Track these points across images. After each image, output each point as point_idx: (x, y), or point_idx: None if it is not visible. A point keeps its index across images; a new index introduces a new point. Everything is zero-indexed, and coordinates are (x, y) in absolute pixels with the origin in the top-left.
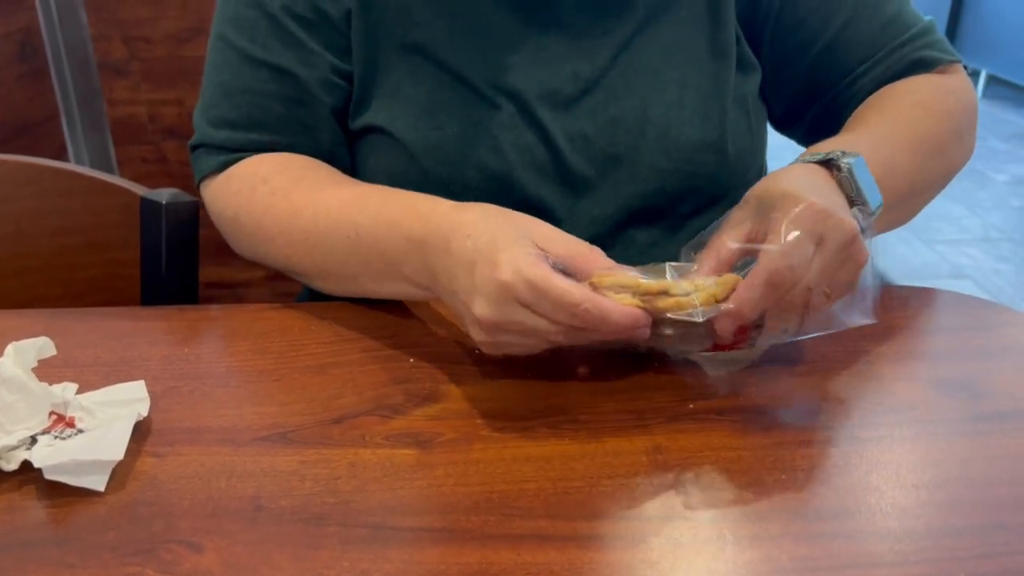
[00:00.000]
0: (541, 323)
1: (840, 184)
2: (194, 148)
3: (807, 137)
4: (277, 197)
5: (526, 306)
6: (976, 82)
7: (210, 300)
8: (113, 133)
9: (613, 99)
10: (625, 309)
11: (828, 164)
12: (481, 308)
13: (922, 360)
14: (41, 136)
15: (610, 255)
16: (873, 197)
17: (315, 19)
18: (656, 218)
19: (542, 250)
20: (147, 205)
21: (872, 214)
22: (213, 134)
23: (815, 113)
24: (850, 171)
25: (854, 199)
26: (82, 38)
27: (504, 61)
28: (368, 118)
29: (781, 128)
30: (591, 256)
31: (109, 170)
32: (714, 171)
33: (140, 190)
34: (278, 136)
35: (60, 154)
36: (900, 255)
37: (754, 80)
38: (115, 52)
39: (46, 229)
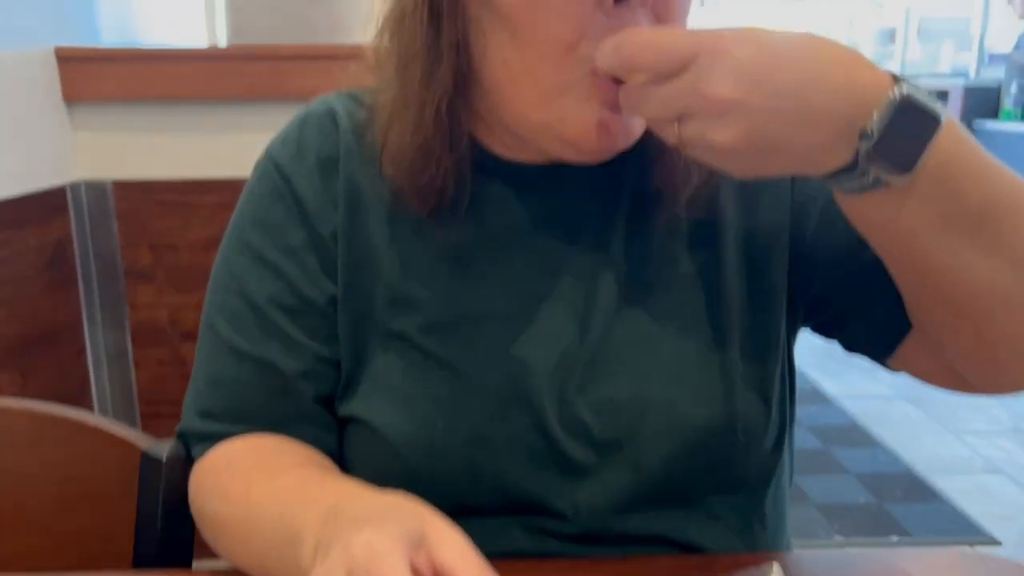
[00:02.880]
0: None
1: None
2: (181, 435)
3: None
4: (235, 482)
5: None
6: None
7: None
8: (133, 335)
9: (609, 377)
10: None
11: None
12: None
13: None
14: (62, 341)
15: (616, 540)
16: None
17: (300, 307)
18: (664, 503)
19: (428, 550)
20: (147, 460)
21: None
22: (198, 424)
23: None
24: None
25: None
26: (112, 247)
27: (496, 347)
28: (352, 407)
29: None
30: None
31: (126, 373)
32: (722, 454)
33: (143, 442)
34: (259, 428)
35: (79, 356)
36: (928, 447)
37: (775, 338)
38: (142, 259)
39: (43, 480)
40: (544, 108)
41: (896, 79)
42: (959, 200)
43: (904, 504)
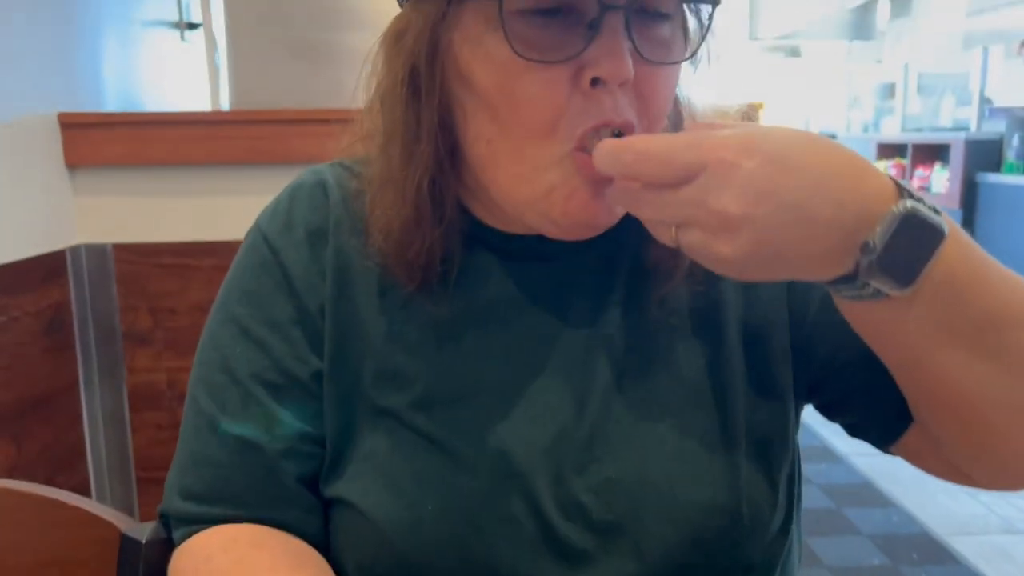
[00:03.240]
0: None
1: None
2: (163, 515)
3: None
4: None
5: None
6: None
7: None
8: (130, 399)
9: (608, 456)
10: None
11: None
12: None
13: None
14: (57, 406)
15: None
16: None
17: (284, 383)
18: None
19: None
20: (126, 543)
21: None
22: (179, 506)
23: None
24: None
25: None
26: (110, 311)
27: (488, 422)
28: (339, 489)
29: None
30: None
31: (122, 437)
32: (728, 537)
33: (123, 524)
34: (241, 510)
35: (74, 422)
36: (943, 506)
37: (780, 416)
38: (141, 323)
39: (19, 562)
40: (528, 185)
41: (900, 189)
42: (960, 311)
43: (920, 567)
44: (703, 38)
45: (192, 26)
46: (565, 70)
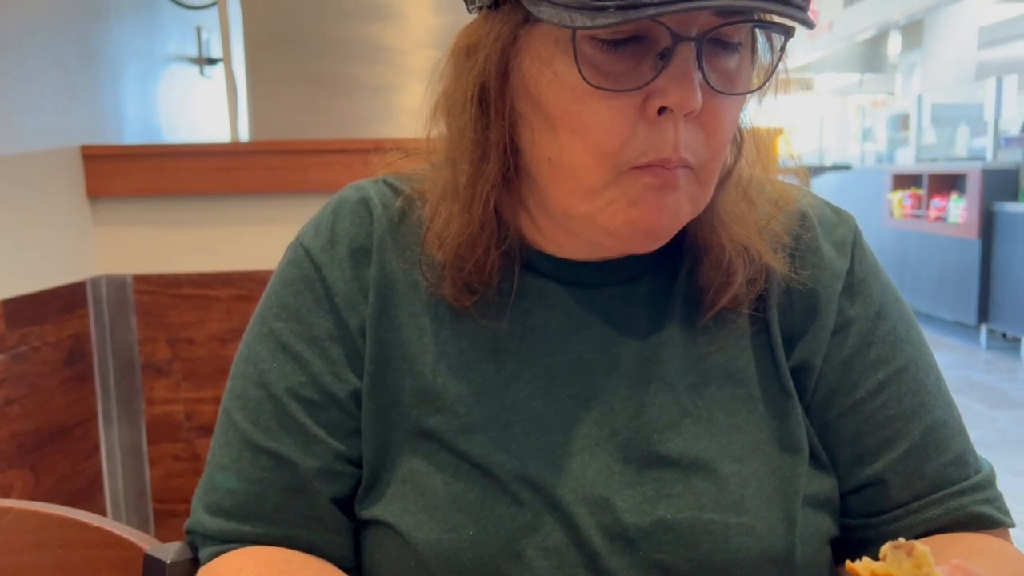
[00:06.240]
0: None
1: None
2: (189, 532)
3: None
4: None
5: None
6: (1018, 349)
7: None
8: (148, 430)
9: (661, 496)
10: None
11: None
12: None
13: None
14: (76, 437)
15: None
16: None
17: (322, 401)
18: None
19: None
20: (150, 563)
21: None
22: (207, 522)
23: (846, 549)
24: None
25: None
26: (129, 342)
27: (531, 449)
28: (376, 510)
29: None
30: None
31: (140, 469)
32: None
33: (146, 544)
34: (271, 528)
35: (92, 453)
36: None
37: (832, 484)
38: (159, 353)
39: None
40: (588, 201)
41: None
42: None
43: None
44: (775, 67)
45: (211, 61)
46: (632, 99)
